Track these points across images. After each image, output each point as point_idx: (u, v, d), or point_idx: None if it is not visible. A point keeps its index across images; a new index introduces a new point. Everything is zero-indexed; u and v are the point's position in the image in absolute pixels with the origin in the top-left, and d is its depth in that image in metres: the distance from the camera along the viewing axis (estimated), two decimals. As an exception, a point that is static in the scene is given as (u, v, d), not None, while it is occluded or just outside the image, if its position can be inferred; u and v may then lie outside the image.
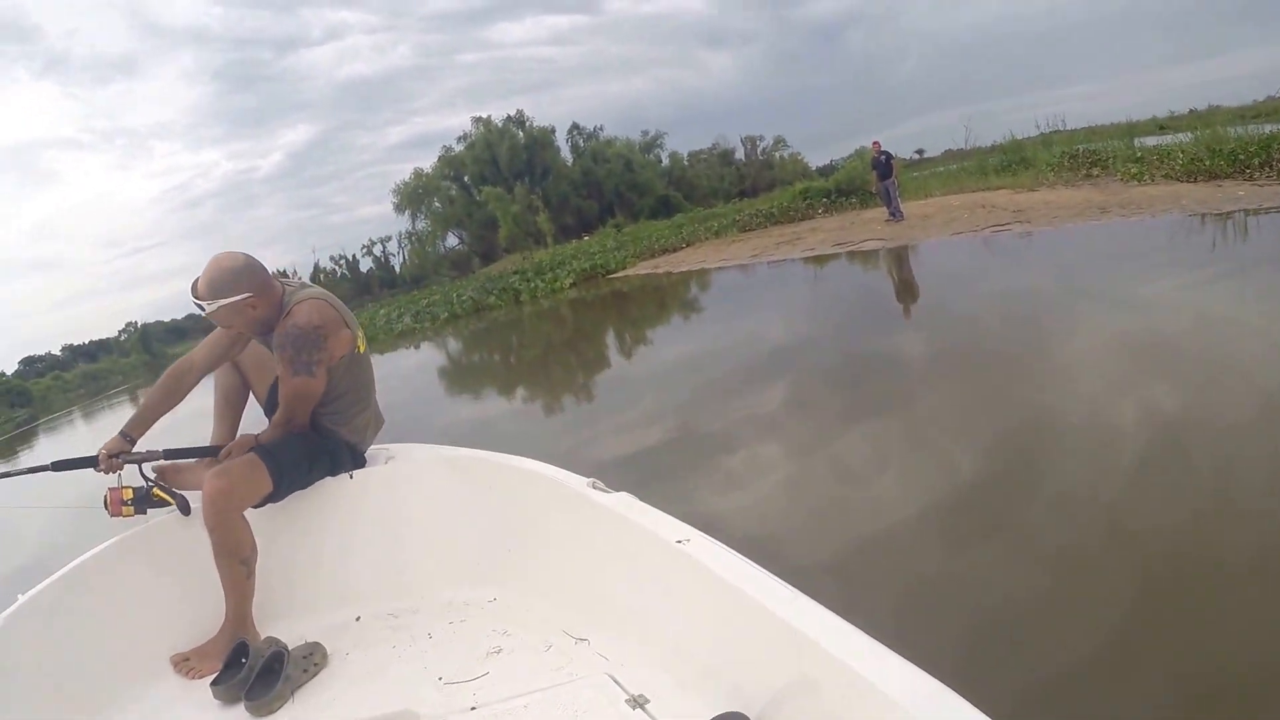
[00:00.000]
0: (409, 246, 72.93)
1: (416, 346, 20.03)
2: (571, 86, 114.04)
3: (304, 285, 2.81)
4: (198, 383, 2.85)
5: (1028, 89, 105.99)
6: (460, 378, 14.18)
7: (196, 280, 2.60)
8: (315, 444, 2.80)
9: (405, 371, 16.19)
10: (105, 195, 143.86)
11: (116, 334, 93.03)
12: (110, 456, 2.63)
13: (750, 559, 1.65)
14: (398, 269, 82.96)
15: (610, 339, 13.79)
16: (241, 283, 2.58)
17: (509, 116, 65.16)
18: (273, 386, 2.97)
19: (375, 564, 2.79)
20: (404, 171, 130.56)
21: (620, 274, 23.83)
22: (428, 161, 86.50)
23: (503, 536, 2.66)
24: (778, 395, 6.98)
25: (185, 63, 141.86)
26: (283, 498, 2.71)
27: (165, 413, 2.78)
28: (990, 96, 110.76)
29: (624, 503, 2.13)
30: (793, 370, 7.83)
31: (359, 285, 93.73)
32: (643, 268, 23.60)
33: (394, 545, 2.82)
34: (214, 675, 2.31)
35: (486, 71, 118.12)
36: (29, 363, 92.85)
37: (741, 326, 11.16)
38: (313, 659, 2.31)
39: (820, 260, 15.90)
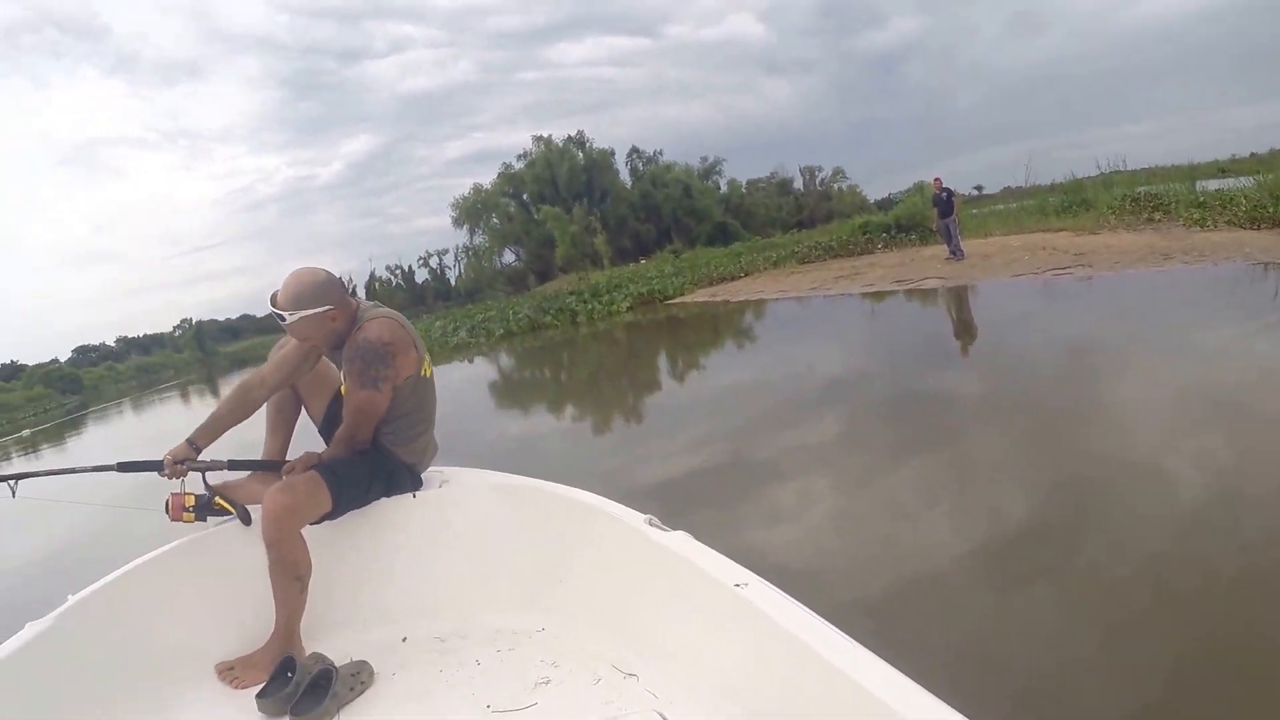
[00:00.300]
0: (465, 260, 73.57)
1: (470, 361, 20.35)
2: (631, 108, 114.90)
3: (375, 305, 2.87)
4: (267, 399, 2.94)
5: (1088, 126, 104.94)
6: (512, 394, 14.39)
7: (275, 293, 2.68)
8: (375, 464, 2.83)
9: (457, 385, 16.44)
10: (167, 194, 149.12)
11: (171, 329, 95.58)
12: (176, 463, 2.69)
13: (809, 607, 1.63)
14: (453, 282, 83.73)
15: (664, 364, 13.91)
16: (322, 296, 2.68)
17: (569, 137, 65.57)
18: (328, 406, 3.09)
19: (424, 586, 2.81)
20: (462, 186, 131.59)
21: (678, 300, 23.91)
22: (486, 177, 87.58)
23: (554, 567, 2.65)
24: (829, 428, 7.02)
25: (250, 69, 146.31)
26: (340, 516, 2.76)
27: (233, 426, 2.83)
28: (1050, 133, 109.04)
29: (682, 542, 2.09)
30: (846, 403, 7.88)
31: (414, 295, 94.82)
32: (700, 295, 23.66)
33: (444, 569, 2.82)
34: (259, 687, 2.37)
35: (547, 90, 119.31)
36: (82, 351, 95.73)
37: (797, 358, 11.24)
38: (360, 678, 2.34)
39: (879, 296, 15.91)
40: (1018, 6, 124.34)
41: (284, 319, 2.66)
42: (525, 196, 65.34)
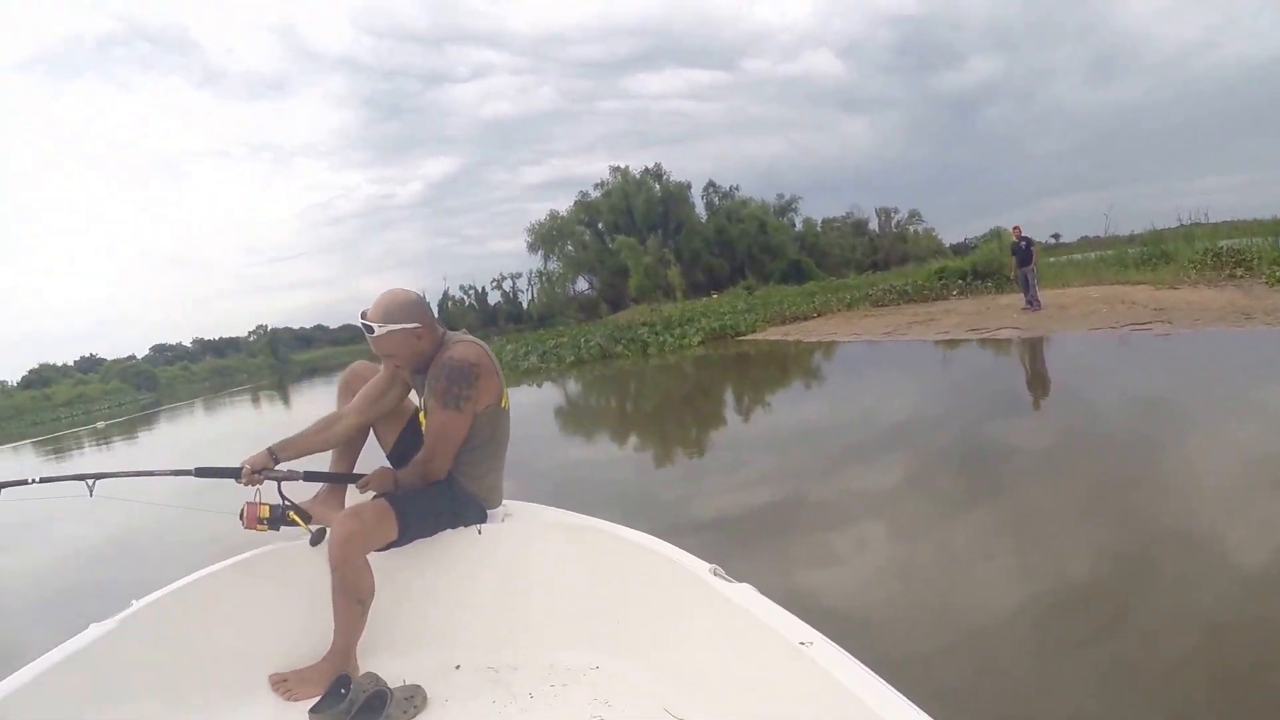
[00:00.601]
0: (539, 285, 74.34)
1: (539, 385, 20.65)
2: (709, 142, 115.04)
3: (463, 334, 2.91)
4: (350, 429, 2.99)
5: (1169, 176, 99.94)
6: (579, 420, 14.58)
7: (366, 310, 2.76)
8: (445, 496, 2.86)
9: (525, 408, 16.66)
10: (249, 205, 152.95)
11: (246, 334, 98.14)
12: (254, 471, 2.74)
13: (877, 671, 1.60)
14: (525, 305, 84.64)
15: (732, 400, 14.00)
16: (411, 314, 2.75)
17: (647, 169, 66.24)
18: (399, 436, 3.12)
19: (481, 616, 2.83)
20: (538, 211, 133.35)
21: (750, 337, 23.99)
22: (563, 204, 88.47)
23: (613, 607, 2.64)
24: (892, 473, 7.03)
25: (335, 88, 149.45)
26: (405, 543, 2.78)
27: (315, 449, 2.93)
28: (1130, 181, 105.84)
29: (746, 595, 2.05)
30: (910, 450, 7.89)
31: (485, 316, 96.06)
32: (773, 333, 23.70)
33: (503, 601, 2.84)
34: (313, 701, 2.44)
35: (625, 120, 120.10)
36: (159, 350, 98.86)
37: (866, 401, 11.33)
38: (413, 701, 2.38)
39: (952, 344, 15.88)
40: (1099, 49, 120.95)
41: (372, 330, 2.73)
42: (600, 225, 66.03)
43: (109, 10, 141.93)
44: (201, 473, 2.80)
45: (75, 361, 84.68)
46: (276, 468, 2.80)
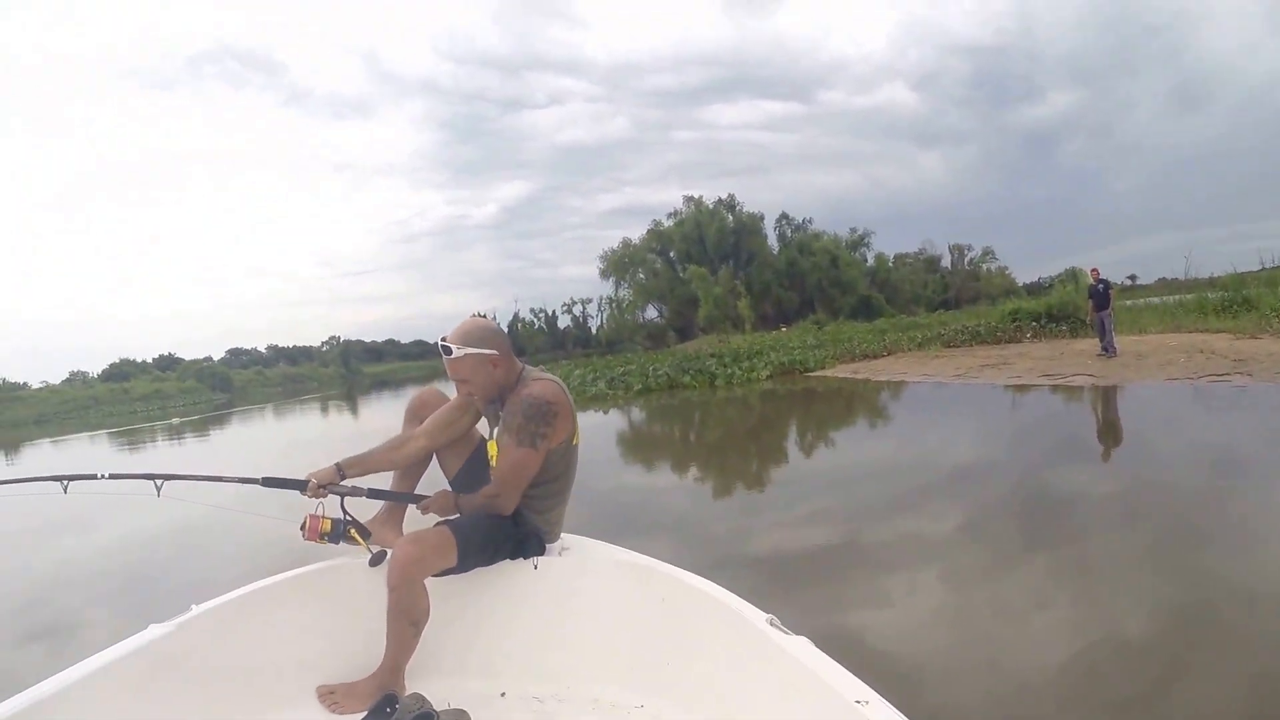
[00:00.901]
0: (608, 311, 75.15)
1: (605, 411, 20.82)
2: (782, 174, 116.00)
3: (541, 370, 2.94)
4: (418, 453, 3.07)
5: (1251, 216, 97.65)
6: (642, 448, 14.67)
7: (446, 335, 2.81)
8: (508, 527, 2.89)
9: (589, 433, 16.71)
10: (329, 219, 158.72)
11: (319, 344, 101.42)
12: (319, 486, 2.82)
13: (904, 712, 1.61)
14: (594, 330, 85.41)
15: (796, 436, 14.00)
16: (490, 341, 2.80)
17: (720, 199, 66.85)
18: (464, 465, 3.17)
19: (529, 645, 2.84)
20: (609, 238, 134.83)
21: (818, 373, 23.93)
22: (635, 231, 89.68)
23: (663, 649, 2.62)
24: (952, 518, 6.99)
25: (414, 111, 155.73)
26: (464, 570, 2.81)
27: (381, 469, 3.01)
28: (1210, 222, 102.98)
29: (802, 648, 2.01)
30: (973, 496, 7.82)
31: (555, 340, 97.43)
32: (842, 370, 23.63)
33: (552, 632, 2.85)
34: (359, 716, 2.51)
35: (699, 150, 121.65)
36: (235, 353, 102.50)
37: (932, 444, 11.29)
38: None
39: (1024, 389, 15.70)
40: (1180, 77, 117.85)
41: (450, 351, 2.77)
42: (672, 254, 66.51)
43: (201, 29, 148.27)
44: (268, 482, 2.90)
45: (154, 359, 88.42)
46: (342, 483, 2.88)
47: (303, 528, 2.80)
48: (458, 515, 2.90)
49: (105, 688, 2.22)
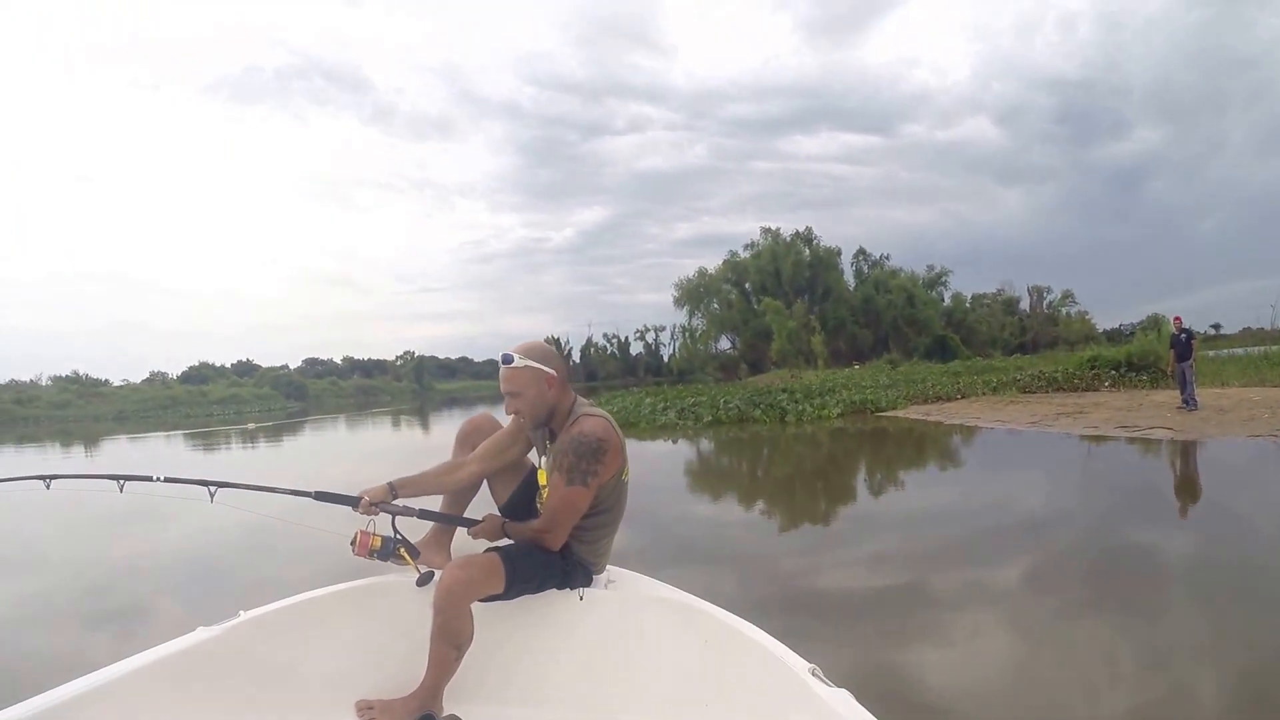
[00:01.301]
0: (681, 340, 75.47)
1: (674, 441, 20.99)
2: (860, 207, 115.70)
3: (591, 404, 2.97)
4: (471, 478, 3.13)
5: None
6: (708, 479, 14.76)
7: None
8: (555, 559, 2.91)
9: (655, 461, 17.15)
10: (407, 236, 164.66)
11: (394, 358, 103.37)
12: (371, 503, 2.87)
13: None
14: (666, 359, 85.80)
15: (864, 476, 13.99)
16: (549, 361, 2.88)
17: (797, 232, 66.95)
18: (515, 492, 3.23)
19: (571, 678, 2.86)
20: (685, 266, 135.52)
21: (889, 413, 23.84)
22: (710, 261, 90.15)
23: (702, 690, 2.64)
24: (1018, 567, 6.95)
25: (495, 133, 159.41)
26: (511, 598, 2.85)
27: (433, 492, 3.08)
28: None
29: (843, 700, 2.02)
30: (1041, 546, 7.71)
31: (626, 366, 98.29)
32: (914, 411, 23.52)
33: (593, 666, 2.86)
34: None
35: (777, 181, 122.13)
36: (311, 363, 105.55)
37: (1002, 491, 11.22)
38: None
39: (1099, 440, 15.44)
40: (1272, 115, 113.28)
41: (510, 360, 2.84)
42: (747, 286, 66.70)
43: (289, 45, 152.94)
44: (321, 497, 2.93)
45: (232, 364, 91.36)
46: (394, 502, 2.93)
47: (353, 543, 2.85)
48: (506, 541, 2.97)
49: (150, 685, 2.33)
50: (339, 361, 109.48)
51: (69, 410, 62.96)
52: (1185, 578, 6.66)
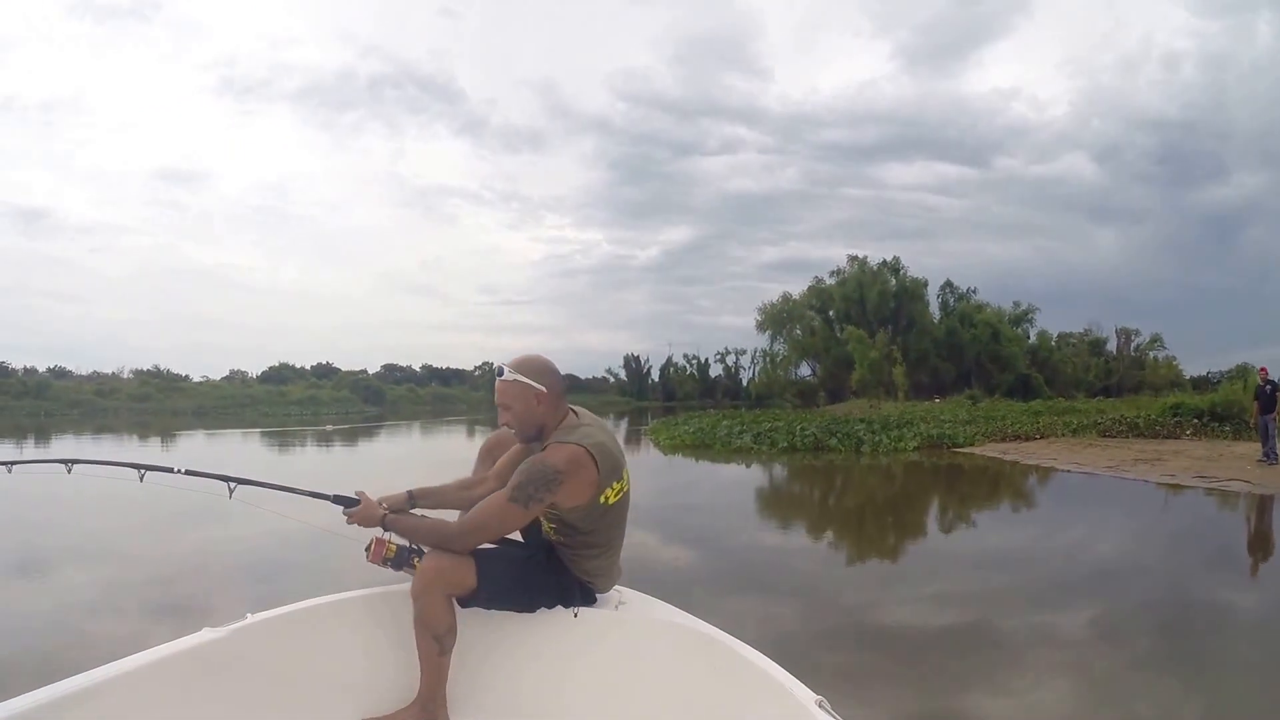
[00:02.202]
0: (761, 365, 75.36)
1: (748, 465, 21.38)
2: (949, 239, 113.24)
3: (588, 426, 2.89)
4: (488, 494, 2.94)
5: None
6: (779, 506, 14.99)
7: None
8: (542, 571, 2.91)
9: (727, 483, 17.80)
10: (492, 247, 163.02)
11: (471, 368, 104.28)
12: (389, 512, 2.87)
13: None
14: (744, 383, 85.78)
15: (936, 512, 14.14)
16: (542, 377, 2.84)
17: (884, 261, 66.54)
18: None
19: (574, 697, 2.85)
20: (769, 290, 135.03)
21: (966, 449, 23.91)
22: (795, 286, 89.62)
23: (706, 716, 2.64)
24: (1084, 617, 6.79)
25: (586, 148, 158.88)
26: (489, 605, 2.85)
27: (451, 506, 3.08)
28: None
29: None
30: (1110, 597, 7.53)
31: (704, 388, 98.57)
32: (990, 449, 23.52)
33: (597, 686, 2.86)
34: None
35: (867, 209, 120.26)
36: (389, 369, 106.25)
37: (1073, 536, 11.28)
38: None
39: (1175, 489, 15.42)
40: None
41: (502, 372, 2.84)
42: (831, 313, 66.51)
43: (383, 53, 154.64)
44: (339, 500, 2.89)
45: (311, 366, 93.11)
46: (412, 511, 2.95)
47: (368, 549, 2.83)
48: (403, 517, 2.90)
49: (151, 685, 2.31)
50: (417, 369, 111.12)
51: (149, 404, 64.49)
52: (1249, 636, 6.57)
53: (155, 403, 65.01)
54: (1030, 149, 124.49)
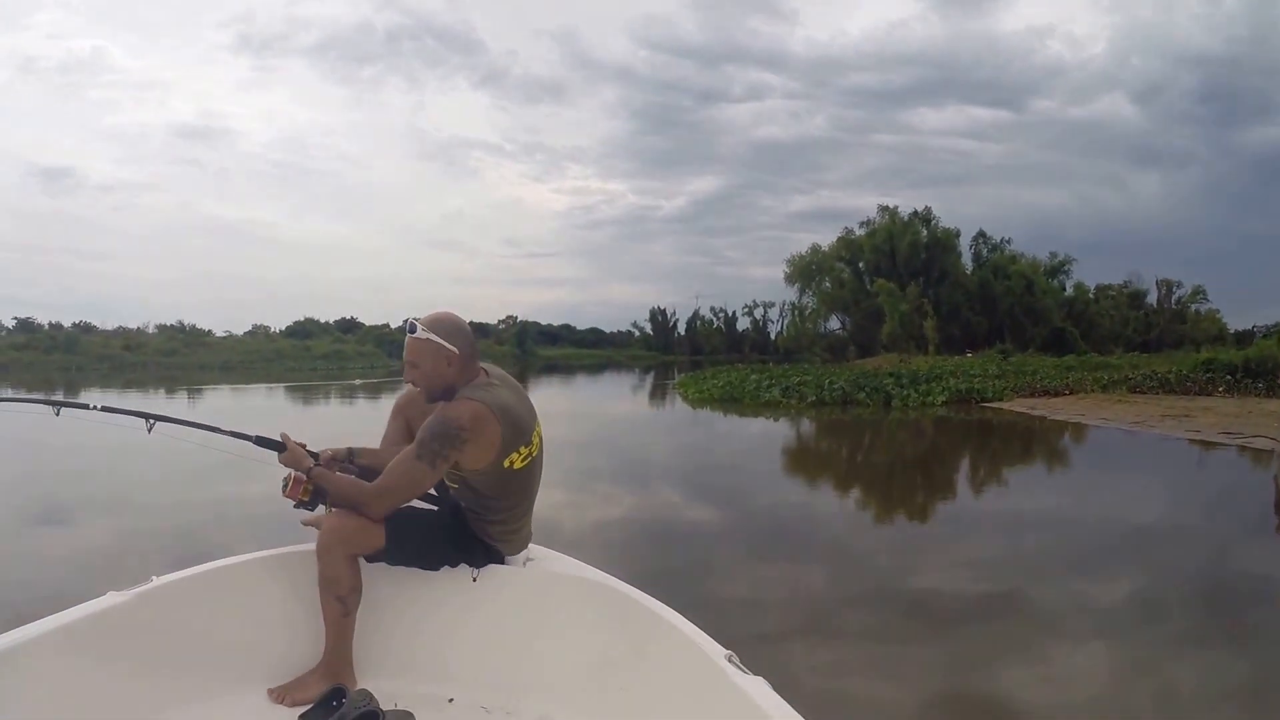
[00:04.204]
0: (789, 318, 74.81)
1: (775, 420, 21.57)
2: (983, 186, 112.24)
3: (496, 386, 2.86)
4: None
5: None
6: (806, 462, 15.07)
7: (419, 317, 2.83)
8: (449, 531, 2.90)
9: (754, 439, 18.07)
10: (515, 199, 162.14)
11: (496, 322, 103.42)
12: (332, 458, 2.95)
13: None
14: (773, 336, 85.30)
15: (966, 470, 14.15)
16: (455, 338, 2.80)
17: (915, 211, 65.27)
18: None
19: (482, 654, 2.85)
20: (799, 241, 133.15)
21: (994, 404, 23.90)
22: (825, 237, 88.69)
23: (617, 672, 2.66)
24: (1119, 589, 6.49)
25: (608, 97, 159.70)
26: (397, 562, 2.85)
27: (372, 465, 3.01)
28: None
29: (758, 688, 1.99)
30: (1142, 565, 7.24)
31: (731, 341, 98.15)
32: (1018, 404, 23.49)
33: (505, 642, 2.86)
34: (305, 708, 2.55)
35: (900, 156, 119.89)
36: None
37: (1081, 492, 11.34)
38: None
39: (1199, 445, 15.41)
40: None
41: (414, 329, 2.79)
42: (861, 265, 65.67)
43: (400, 4, 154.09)
44: (260, 442, 2.84)
45: (335, 321, 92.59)
46: (350, 466, 3.01)
47: (284, 484, 2.74)
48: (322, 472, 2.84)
49: (54, 652, 2.26)
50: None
51: (175, 358, 64.42)
52: (1268, 598, 6.45)
53: (181, 357, 64.99)
54: (1067, 90, 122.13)
